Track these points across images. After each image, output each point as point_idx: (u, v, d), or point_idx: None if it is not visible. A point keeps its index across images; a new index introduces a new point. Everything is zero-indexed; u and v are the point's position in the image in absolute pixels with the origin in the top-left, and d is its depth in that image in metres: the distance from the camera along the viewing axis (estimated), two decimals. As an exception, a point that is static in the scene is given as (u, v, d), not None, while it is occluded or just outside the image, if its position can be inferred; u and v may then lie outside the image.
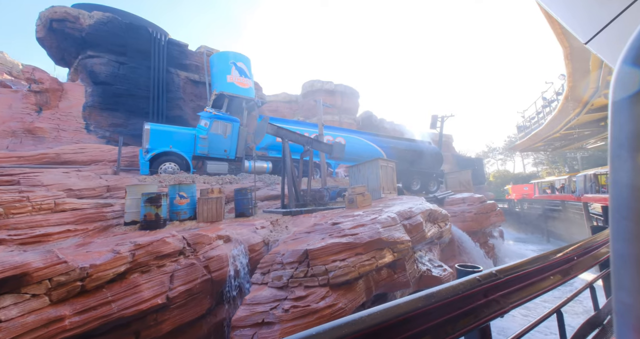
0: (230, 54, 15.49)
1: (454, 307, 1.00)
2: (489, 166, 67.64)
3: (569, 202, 17.08)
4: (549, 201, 20.28)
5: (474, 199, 12.01)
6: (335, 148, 8.95)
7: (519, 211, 25.02)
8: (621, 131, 0.55)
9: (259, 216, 6.96)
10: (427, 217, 5.96)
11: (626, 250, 0.55)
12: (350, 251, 3.99)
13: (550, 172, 43.29)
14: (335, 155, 8.94)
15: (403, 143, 15.54)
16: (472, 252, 10.52)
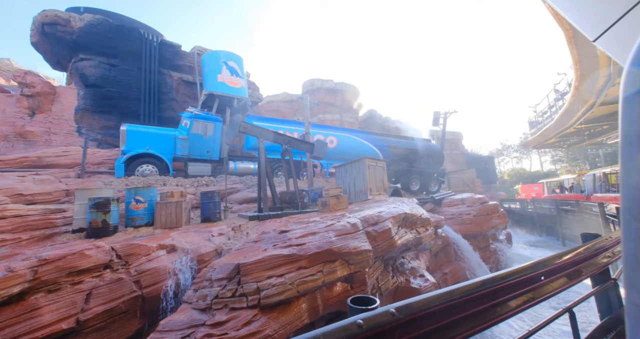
0: (221, 53, 15.19)
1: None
2: (504, 164, 65.21)
3: (584, 203, 15.87)
4: (563, 201, 19.00)
5: (473, 200, 11.18)
6: (317, 147, 8.41)
7: (531, 211, 23.69)
8: (632, 128, 0.56)
9: (227, 221, 6.50)
10: (401, 222, 5.33)
11: (638, 251, 0.57)
12: (292, 264, 3.45)
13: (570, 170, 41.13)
14: (317, 154, 8.40)
15: (401, 142, 14.80)
16: (469, 257, 9.75)
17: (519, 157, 63.95)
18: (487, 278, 1.24)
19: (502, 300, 1.19)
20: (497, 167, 64.73)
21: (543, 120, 20.03)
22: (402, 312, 0.93)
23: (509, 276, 1.28)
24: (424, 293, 1.08)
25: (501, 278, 1.22)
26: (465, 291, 1.12)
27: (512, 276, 1.26)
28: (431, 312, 1.02)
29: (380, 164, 10.18)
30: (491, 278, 1.22)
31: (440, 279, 8.81)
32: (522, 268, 1.34)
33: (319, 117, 25.41)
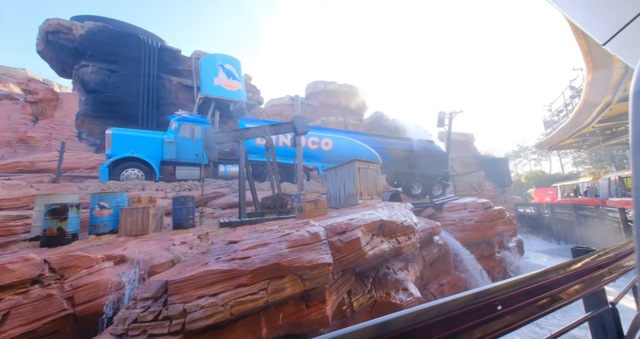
0: (218, 57, 15.12)
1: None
2: (521, 166, 62.50)
3: (604, 208, 14.65)
4: (581, 206, 17.69)
5: (476, 204, 10.43)
6: (297, 123, 8.01)
7: (548, 216, 22.29)
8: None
9: (200, 228, 6.18)
10: (376, 230, 4.82)
11: None
12: (229, 281, 3.04)
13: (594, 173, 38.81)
14: (301, 130, 8.00)
15: (401, 143, 14.18)
16: (469, 267, 9.03)
17: (538, 159, 61.06)
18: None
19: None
20: (514, 169, 62.23)
21: (559, 119, 18.86)
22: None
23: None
24: (405, 309, 0.98)
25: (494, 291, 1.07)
26: (453, 306, 0.98)
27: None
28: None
29: (373, 167, 9.65)
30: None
31: (436, 290, 8.16)
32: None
33: (323, 119, 25.04)
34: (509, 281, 1.16)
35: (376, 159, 13.54)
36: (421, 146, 14.37)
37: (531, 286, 1.19)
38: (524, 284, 1.18)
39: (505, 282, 1.15)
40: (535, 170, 56.73)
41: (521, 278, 1.19)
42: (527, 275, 1.25)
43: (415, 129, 35.45)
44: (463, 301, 0.99)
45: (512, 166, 62.21)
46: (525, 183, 50.57)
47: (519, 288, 1.16)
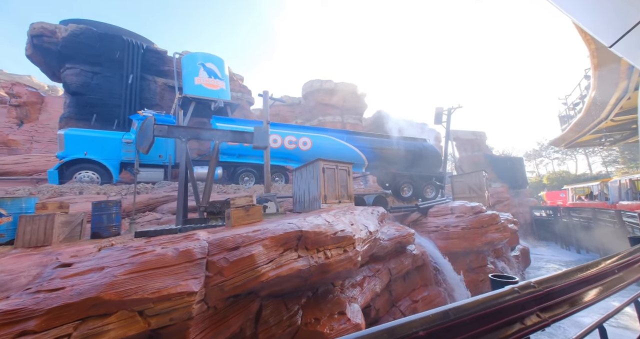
0: (199, 55, 14.68)
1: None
2: (542, 166, 58.50)
3: (625, 212, 12.90)
4: (602, 210, 15.83)
5: (465, 209, 9.24)
6: (256, 135, 7.19)
7: (565, 221, 20.30)
8: None
9: (122, 238, 5.52)
10: (292, 243, 3.94)
11: None
12: (9, 327, 2.27)
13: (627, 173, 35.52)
14: (257, 144, 7.19)
15: (388, 142, 13.11)
16: (450, 279, 7.91)
17: (561, 159, 56.63)
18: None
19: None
20: (535, 170, 58.35)
21: (575, 114, 17.04)
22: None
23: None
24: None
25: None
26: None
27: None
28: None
29: (343, 167, 8.72)
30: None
31: (407, 308, 7.12)
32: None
33: (319, 119, 24.20)
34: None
35: (360, 159, 12.57)
36: (412, 145, 13.24)
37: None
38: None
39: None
40: (559, 170, 52.67)
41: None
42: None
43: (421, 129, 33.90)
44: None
45: (533, 166, 58.39)
46: (547, 184, 47.17)
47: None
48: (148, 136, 6.47)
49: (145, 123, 6.50)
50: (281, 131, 11.67)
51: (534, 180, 53.56)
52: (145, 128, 6.50)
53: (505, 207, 27.75)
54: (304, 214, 6.29)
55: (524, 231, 26.58)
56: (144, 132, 6.49)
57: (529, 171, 58.42)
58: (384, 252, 6.80)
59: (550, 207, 23.61)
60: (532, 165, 61.31)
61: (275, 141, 11.52)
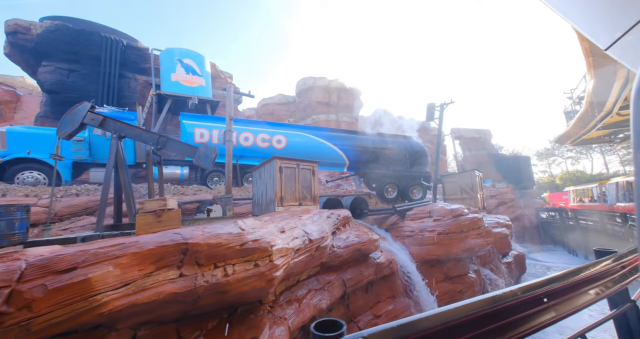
0: (176, 51, 14.19)
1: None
2: (555, 165, 55.96)
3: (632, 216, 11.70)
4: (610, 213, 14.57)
5: (444, 211, 8.34)
6: (199, 153, 6.50)
7: (573, 224, 18.94)
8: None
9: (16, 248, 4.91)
10: (174, 258, 3.20)
11: None
12: None
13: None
14: (199, 162, 6.50)
15: (371, 140, 12.26)
16: (421, 290, 7.06)
17: (576, 158, 53.81)
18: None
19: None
20: (547, 169, 55.86)
21: (581, 108, 15.82)
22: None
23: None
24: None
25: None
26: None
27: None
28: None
29: (306, 166, 7.98)
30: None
31: (367, 324, 6.31)
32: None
33: (313, 118, 23.46)
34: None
35: (340, 159, 11.78)
36: (397, 143, 12.36)
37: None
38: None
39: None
40: (573, 170, 50.10)
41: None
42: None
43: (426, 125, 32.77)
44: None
45: (545, 166, 55.99)
46: (560, 185, 45.03)
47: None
48: (75, 122, 5.90)
49: (77, 108, 5.92)
50: (254, 129, 10.99)
51: (546, 180, 51.23)
52: (75, 113, 5.92)
53: (509, 209, 26.38)
54: (234, 219, 5.58)
55: (530, 234, 25.18)
56: (72, 116, 5.92)
57: (541, 171, 56.11)
58: (338, 262, 6.01)
59: (556, 209, 22.20)
60: (544, 164, 58.68)
61: (247, 138, 10.86)
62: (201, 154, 6.51)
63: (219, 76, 19.50)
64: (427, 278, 7.67)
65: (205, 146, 6.56)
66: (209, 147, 6.55)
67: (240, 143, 10.82)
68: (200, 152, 6.51)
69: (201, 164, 6.48)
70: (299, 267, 4.67)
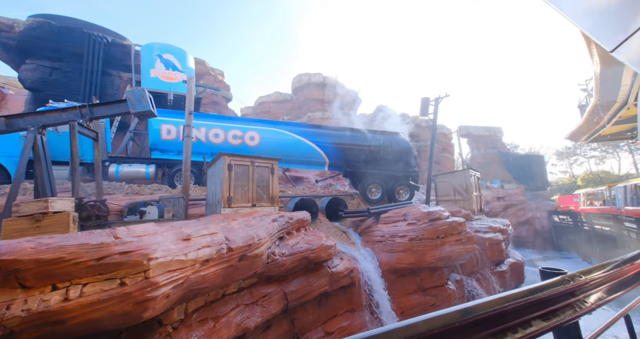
0: (156, 46, 13.79)
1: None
2: (576, 165, 52.62)
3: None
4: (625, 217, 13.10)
5: (420, 214, 7.41)
6: (132, 100, 5.88)
7: (587, 229, 17.35)
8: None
9: None
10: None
11: None
12: None
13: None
14: (137, 110, 5.90)
15: (353, 136, 11.38)
16: (383, 304, 6.20)
17: (600, 157, 50.05)
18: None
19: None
20: (568, 170, 52.63)
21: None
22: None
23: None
24: None
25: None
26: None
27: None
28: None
29: (263, 164, 7.25)
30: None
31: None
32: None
33: (308, 115, 22.72)
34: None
35: (319, 156, 10.98)
36: (381, 140, 11.43)
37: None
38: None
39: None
40: (598, 170, 46.76)
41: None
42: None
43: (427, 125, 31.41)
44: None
45: (566, 166, 52.80)
46: (582, 186, 42.25)
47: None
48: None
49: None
50: (225, 125, 10.38)
51: (567, 181, 48.24)
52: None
53: (519, 212, 24.72)
54: (155, 224, 4.91)
55: (541, 239, 23.48)
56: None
57: (561, 171, 53.04)
58: (280, 272, 5.24)
59: (568, 212, 20.51)
60: (565, 164, 55.24)
61: (217, 135, 10.25)
62: (133, 102, 5.91)
63: (208, 73, 19.10)
64: (395, 289, 6.79)
65: (131, 91, 5.95)
66: (136, 89, 5.95)
67: (210, 140, 10.23)
68: (131, 101, 5.91)
69: (141, 111, 5.92)
70: (212, 280, 3.93)
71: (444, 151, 31.30)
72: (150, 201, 6.67)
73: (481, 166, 30.30)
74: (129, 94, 5.99)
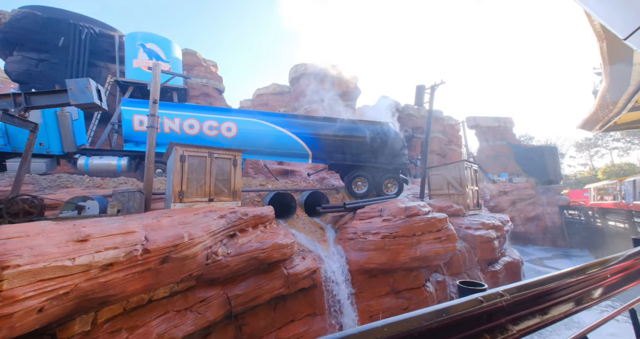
0: (139, 35, 13.37)
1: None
2: (597, 157, 49.71)
3: None
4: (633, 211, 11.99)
5: (397, 210, 6.74)
6: (73, 89, 5.42)
7: (600, 225, 16.14)
8: None
9: None
10: None
11: None
12: None
13: None
14: (79, 101, 5.46)
15: (337, 127, 10.68)
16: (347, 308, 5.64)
17: (624, 148, 46.52)
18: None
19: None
20: (589, 162, 49.81)
21: (609, 86, 13.03)
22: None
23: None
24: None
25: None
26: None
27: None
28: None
29: (224, 155, 6.73)
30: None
31: (265, 352, 5.01)
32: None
33: (305, 107, 22.03)
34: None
35: (301, 148, 10.37)
36: (368, 130, 10.69)
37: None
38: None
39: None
40: (621, 162, 43.83)
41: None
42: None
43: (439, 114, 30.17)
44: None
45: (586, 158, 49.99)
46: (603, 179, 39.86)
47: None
48: None
49: None
50: (200, 115, 9.88)
51: (587, 174, 45.63)
52: None
53: (529, 207, 23.45)
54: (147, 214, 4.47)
55: (552, 235, 22.22)
56: None
57: (581, 164, 50.36)
58: (225, 273, 4.74)
59: (581, 207, 19.21)
60: (585, 157, 52.20)
61: (192, 126, 9.78)
62: (75, 92, 5.44)
63: (200, 64, 18.65)
64: (365, 291, 6.20)
65: (74, 80, 5.49)
66: (80, 79, 5.48)
67: (184, 131, 9.77)
68: (72, 91, 5.44)
69: (84, 103, 5.45)
70: (122, 287, 3.45)
71: (451, 143, 30.04)
72: (101, 195, 6.28)
73: (490, 159, 28.92)
74: (70, 83, 5.51)
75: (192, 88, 17.65)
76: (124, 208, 6.16)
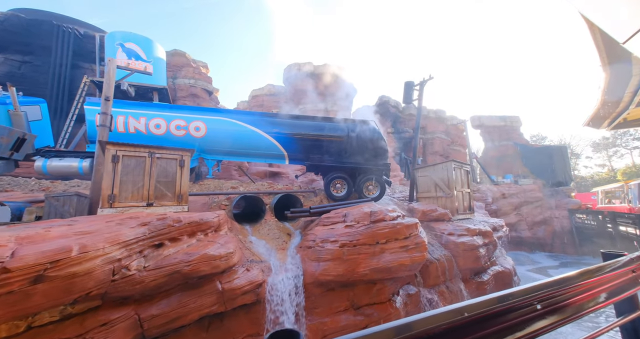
0: (117, 34, 13.08)
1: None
2: (617, 158, 47.10)
3: None
4: None
5: (361, 215, 6.01)
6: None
7: (611, 230, 14.87)
8: None
9: None
10: None
11: None
12: None
13: None
14: None
15: (312, 126, 10.00)
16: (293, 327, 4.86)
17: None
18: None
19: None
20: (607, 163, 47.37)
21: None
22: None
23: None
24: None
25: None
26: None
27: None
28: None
29: (170, 155, 6.19)
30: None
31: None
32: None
33: (300, 108, 21.47)
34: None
35: (276, 149, 9.76)
36: (346, 129, 9.98)
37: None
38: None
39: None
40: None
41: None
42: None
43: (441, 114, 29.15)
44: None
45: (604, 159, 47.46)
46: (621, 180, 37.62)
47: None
48: None
49: None
50: (167, 114, 9.41)
51: (605, 176, 43.28)
52: None
53: (536, 210, 22.10)
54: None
55: (560, 241, 20.83)
56: None
57: (598, 165, 47.91)
58: (138, 290, 4.11)
59: (591, 211, 17.87)
60: (603, 157, 49.62)
61: (158, 126, 9.32)
62: None
63: (189, 65, 18.37)
64: (321, 307, 5.48)
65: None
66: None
67: (150, 131, 9.32)
68: None
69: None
70: None
71: (454, 143, 28.90)
72: (27, 200, 5.79)
73: (495, 160, 27.66)
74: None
75: (180, 89, 17.36)
76: (58, 214, 5.65)
